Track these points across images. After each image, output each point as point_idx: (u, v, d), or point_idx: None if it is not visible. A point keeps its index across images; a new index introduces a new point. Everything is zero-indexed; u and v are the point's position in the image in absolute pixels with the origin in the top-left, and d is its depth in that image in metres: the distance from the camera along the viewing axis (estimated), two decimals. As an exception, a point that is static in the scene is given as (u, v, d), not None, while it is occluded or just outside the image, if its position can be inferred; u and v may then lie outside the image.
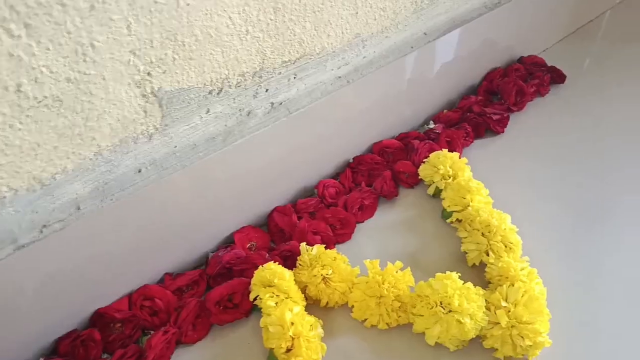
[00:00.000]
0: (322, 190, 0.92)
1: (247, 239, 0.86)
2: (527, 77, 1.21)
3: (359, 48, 0.86)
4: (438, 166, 0.91)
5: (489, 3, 1.07)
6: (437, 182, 0.92)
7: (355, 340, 0.74)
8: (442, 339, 0.70)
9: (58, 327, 0.70)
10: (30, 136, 0.55)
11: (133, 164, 0.67)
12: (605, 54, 1.31)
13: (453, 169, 0.91)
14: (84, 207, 0.65)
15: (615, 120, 1.10)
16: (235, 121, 0.75)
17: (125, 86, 0.60)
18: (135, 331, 0.72)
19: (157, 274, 0.79)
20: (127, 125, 0.63)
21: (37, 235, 0.62)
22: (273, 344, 0.67)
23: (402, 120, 1.06)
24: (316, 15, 0.74)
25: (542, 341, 0.68)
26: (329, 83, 0.84)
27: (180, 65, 0.63)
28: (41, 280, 0.64)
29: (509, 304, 0.70)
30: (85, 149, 0.61)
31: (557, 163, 0.92)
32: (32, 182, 0.58)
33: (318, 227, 0.85)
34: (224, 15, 0.63)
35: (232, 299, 0.76)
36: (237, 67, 0.70)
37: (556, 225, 0.89)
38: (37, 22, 0.49)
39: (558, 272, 0.80)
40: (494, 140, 1.07)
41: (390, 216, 0.92)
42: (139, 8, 0.55)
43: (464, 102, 1.14)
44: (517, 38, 1.22)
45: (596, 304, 0.76)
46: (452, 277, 0.71)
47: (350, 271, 0.77)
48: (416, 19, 0.93)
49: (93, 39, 0.54)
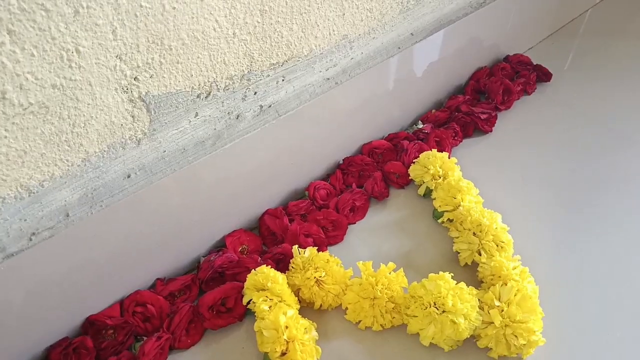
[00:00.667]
0: (313, 192, 0.92)
1: (239, 242, 0.85)
2: (513, 75, 1.22)
3: (347, 49, 0.86)
4: (428, 166, 0.91)
5: (474, 3, 1.08)
6: (427, 182, 0.92)
7: (349, 343, 0.74)
8: (437, 339, 0.70)
9: (49, 336, 0.69)
10: (17, 143, 0.54)
11: (122, 170, 0.66)
12: (588, 51, 1.32)
13: (443, 168, 0.91)
14: (73, 214, 0.64)
15: (602, 116, 1.11)
16: (224, 124, 0.74)
17: (112, 91, 0.59)
18: (128, 338, 0.71)
19: (149, 280, 0.78)
20: (115, 131, 0.62)
21: (26, 243, 0.61)
22: (268, 347, 0.67)
23: (390, 120, 1.06)
24: (303, 17, 0.74)
25: (536, 340, 0.68)
26: (318, 85, 0.84)
27: (168, 70, 0.63)
28: (31, 289, 0.63)
29: (502, 303, 0.70)
30: (73, 156, 0.60)
31: (546, 160, 0.92)
32: (20, 190, 0.58)
33: (310, 229, 0.85)
34: (211, 18, 0.63)
35: (225, 303, 0.75)
36: (225, 70, 0.69)
37: (547, 223, 0.89)
38: (20, 28, 0.48)
39: (550, 270, 0.81)
40: (483, 139, 1.08)
41: (381, 217, 0.92)
42: (124, 13, 0.55)
43: (452, 101, 1.14)
44: (502, 37, 1.22)
45: (588, 301, 0.77)
46: (445, 277, 0.71)
47: (343, 273, 0.77)
48: (402, 19, 0.93)
49: (78, 45, 0.53)
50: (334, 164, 0.99)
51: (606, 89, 1.19)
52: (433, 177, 0.91)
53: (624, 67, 1.26)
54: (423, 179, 0.93)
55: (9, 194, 0.57)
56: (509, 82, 1.15)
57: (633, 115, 1.11)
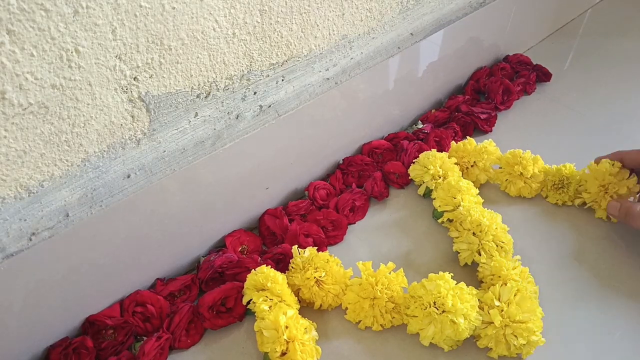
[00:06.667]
0: (313, 192, 0.92)
1: (239, 242, 0.85)
2: (513, 75, 1.22)
3: (346, 49, 0.86)
4: (428, 166, 0.91)
5: (474, 3, 1.08)
6: (427, 182, 0.92)
7: (349, 343, 0.74)
8: (437, 339, 0.70)
9: (49, 336, 0.69)
10: (16, 144, 0.54)
11: (121, 170, 0.66)
12: (588, 51, 1.33)
13: (443, 168, 0.91)
14: (73, 214, 0.64)
15: (602, 116, 1.11)
16: (224, 124, 0.74)
17: (111, 91, 0.59)
18: (128, 338, 0.72)
19: (149, 280, 0.78)
20: (115, 131, 0.62)
21: (25, 243, 0.61)
22: (268, 347, 0.67)
23: (390, 120, 1.06)
24: (303, 17, 0.74)
25: (536, 340, 0.68)
26: (317, 85, 0.84)
27: (167, 70, 0.63)
28: (30, 289, 0.63)
29: (502, 303, 0.70)
30: (73, 156, 0.60)
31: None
32: (19, 190, 0.58)
33: (310, 229, 0.85)
34: (210, 18, 0.63)
35: (225, 304, 0.76)
36: (224, 70, 0.69)
37: (547, 223, 0.89)
38: (20, 28, 0.48)
39: (550, 270, 0.81)
40: (482, 139, 1.07)
41: (381, 217, 0.92)
42: (123, 12, 0.55)
43: (452, 101, 1.14)
44: (502, 37, 1.22)
45: (588, 301, 0.77)
46: (445, 277, 0.71)
47: (343, 273, 0.77)
48: (402, 19, 0.93)
49: (78, 45, 0.53)
50: (333, 164, 0.99)
51: (606, 89, 1.19)
52: (433, 177, 0.91)
53: (624, 67, 1.26)
54: (423, 179, 0.93)
55: (9, 194, 0.57)
56: (508, 82, 1.15)
57: (633, 115, 1.11)
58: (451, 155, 0.96)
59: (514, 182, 0.92)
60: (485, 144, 0.95)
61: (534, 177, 0.91)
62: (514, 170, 0.91)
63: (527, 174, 0.90)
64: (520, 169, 0.90)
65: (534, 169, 0.91)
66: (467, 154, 0.95)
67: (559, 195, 0.91)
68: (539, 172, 0.91)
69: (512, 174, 0.92)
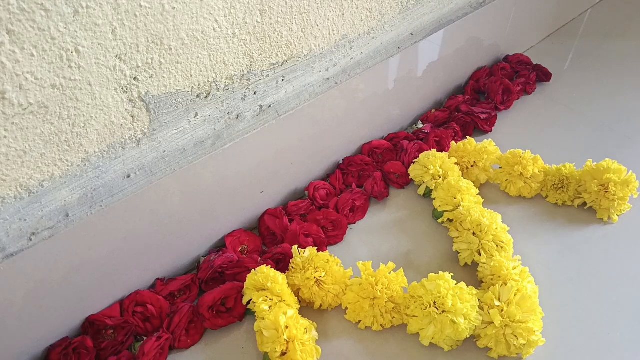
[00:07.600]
0: (313, 192, 0.92)
1: (239, 242, 0.85)
2: (513, 75, 1.22)
3: (346, 49, 0.86)
4: (428, 166, 0.91)
5: (474, 2, 1.08)
6: (427, 182, 0.92)
7: (350, 342, 0.74)
8: (437, 339, 0.70)
9: (49, 336, 0.69)
10: (16, 144, 0.54)
11: (122, 170, 0.66)
12: (588, 51, 1.33)
13: (443, 168, 0.91)
14: (73, 214, 0.64)
15: (601, 116, 1.11)
16: (224, 124, 0.74)
17: (111, 91, 0.59)
18: (128, 338, 0.71)
19: (149, 280, 0.78)
20: (115, 131, 0.62)
21: (25, 243, 0.61)
22: (268, 347, 0.67)
23: (390, 120, 1.06)
24: (303, 17, 0.74)
25: (536, 340, 0.68)
26: (317, 85, 0.84)
27: (167, 70, 0.63)
28: (30, 289, 0.63)
29: (502, 303, 0.70)
30: (73, 156, 0.60)
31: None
32: (20, 190, 0.58)
33: (310, 229, 0.85)
34: (210, 18, 0.63)
35: (225, 304, 0.76)
36: (224, 70, 0.69)
37: (546, 223, 0.89)
38: (20, 28, 0.48)
39: (549, 270, 0.81)
40: (482, 139, 1.07)
41: (381, 217, 0.92)
42: (123, 13, 0.55)
43: (452, 101, 1.14)
44: (502, 37, 1.22)
45: (588, 301, 0.77)
46: (445, 277, 0.71)
47: (343, 273, 0.77)
48: (402, 19, 0.93)
49: (78, 45, 0.53)
50: (334, 164, 0.99)
51: (606, 88, 1.19)
52: (433, 177, 0.91)
53: (624, 67, 1.26)
54: (423, 179, 0.93)
55: (9, 194, 0.57)
56: (508, 82, 1.15)
57: (633, 115, 1.11)
58: (451, 155, 0.96)
59: (514, 182, 0.92)
60: (485, 144, 0.95)
61: (534, 177, 0.91)
62: (514, 170, 0.91)
63: (527, 174, 0.90)
64: (520, 169, 0.90)
65: (534, 169, 0.91)
66: (467, 154, 0.95)
67: (559, 195, 0.91)
68: (539, 172, 0.91)
69: (512, 174, 0.92)
